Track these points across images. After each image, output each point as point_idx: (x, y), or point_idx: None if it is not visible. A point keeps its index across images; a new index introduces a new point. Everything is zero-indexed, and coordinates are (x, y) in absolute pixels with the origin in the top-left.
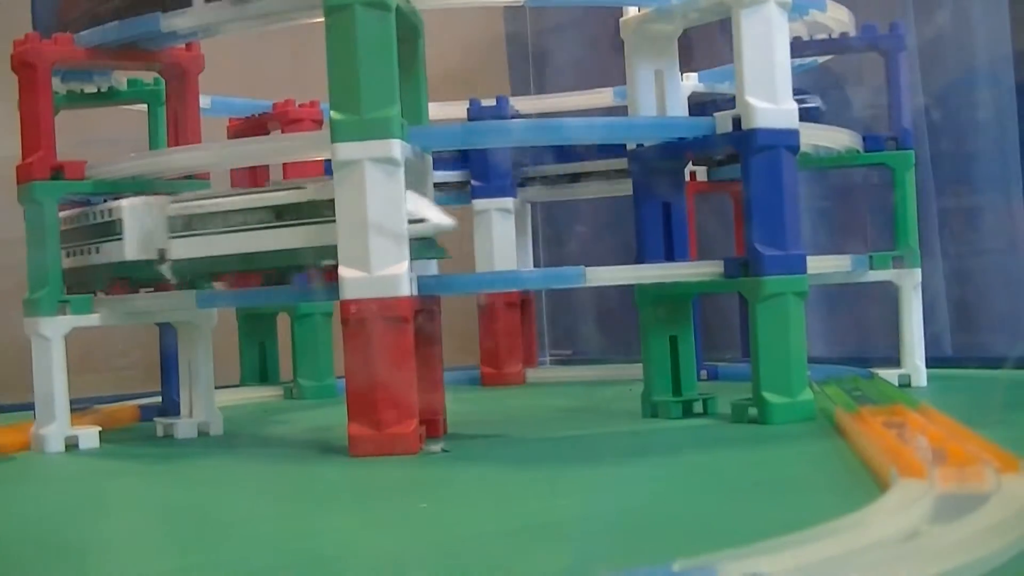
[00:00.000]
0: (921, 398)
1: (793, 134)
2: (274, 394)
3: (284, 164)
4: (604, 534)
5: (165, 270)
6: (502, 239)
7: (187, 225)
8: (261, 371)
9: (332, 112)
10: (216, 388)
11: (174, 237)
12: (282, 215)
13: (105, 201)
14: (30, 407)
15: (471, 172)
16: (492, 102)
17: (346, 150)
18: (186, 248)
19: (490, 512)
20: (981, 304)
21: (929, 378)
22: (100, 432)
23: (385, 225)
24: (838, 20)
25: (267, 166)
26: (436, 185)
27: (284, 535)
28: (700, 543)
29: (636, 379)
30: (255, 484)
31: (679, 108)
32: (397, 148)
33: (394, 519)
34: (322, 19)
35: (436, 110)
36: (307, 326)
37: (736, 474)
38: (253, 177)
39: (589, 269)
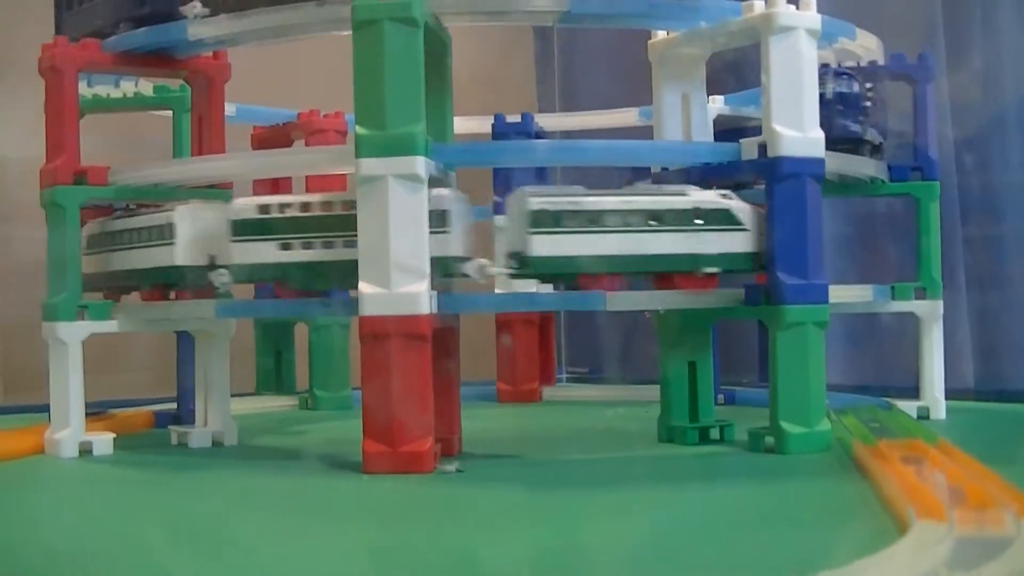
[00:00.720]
0: (939, 432)
1: (819, 163)
2: (289, 404)
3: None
4: (614, 563)
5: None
6: None
7: (555, 221)
8: (277, 380)
9: (357, 127)
10: (231, 396)
11: (535, 233)
12: (662, 219)
13: None
14: (44, 408)
15: (494, 188)
16: (517, 118)
17: (370, 165)
18: (551, 246)
19: (501, 535)
20: (1004, 337)
21: (948, 410)
22: (115, 438)
23: (406, 242)
24: (867, 48)
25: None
26: None
27: (291, 552)
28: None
29: (652, 400)
30: (266, 498)
31: (705, 132)
32: (421, 165)
33: (404, 539)
34: (349, 32)
35: (461, 124)
36: (324, 336)
37: (750, 507)
38: (275, 187)
39: (609, 294)
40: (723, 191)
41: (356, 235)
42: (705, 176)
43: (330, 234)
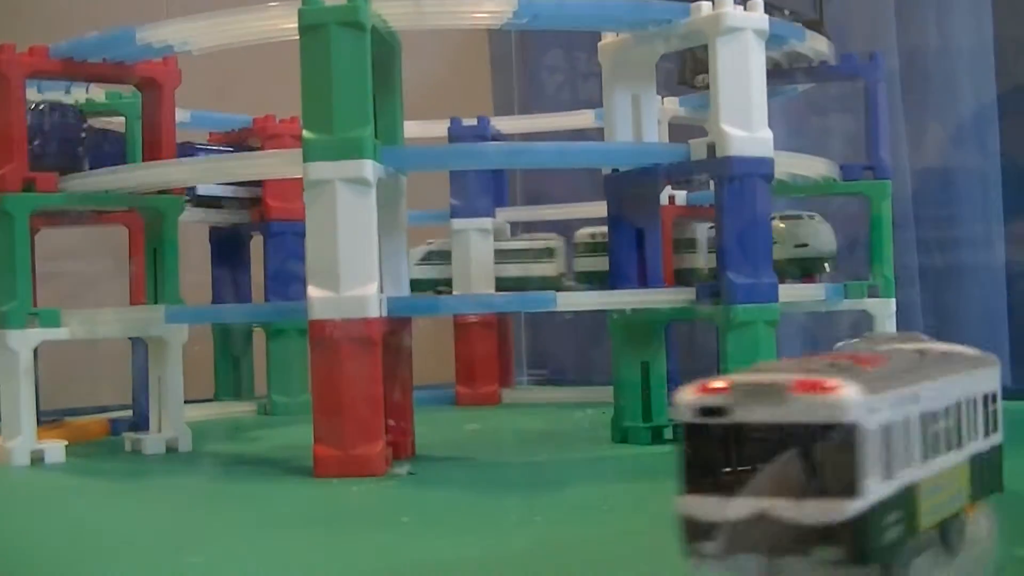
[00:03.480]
0: None
1: (767, 162)
2: (247, 409)
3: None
4: (566, 563)
5: None
6: (480, 259)
7: None
8: (235, 386)
9: (304, 131)
10: (189, 402)
11: None
12: None
13: None
14: None
15: (450, 192)
16: (474, 121)
17: (318, 169)
18: None
19: (451, 538)
20: (961, 335)
21: None
22: (68, 446)
23: (354, 245)
24: (817, 50)
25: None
26: None
27: (240, 556)
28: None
29: (611, 402)
30: (216, 503)
31: (654, 133)
32: (369, 168)
33: (352, 543)
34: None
35: (417, 128)
36: (282, 342)
37: None
38: None
39: (560, 294)
40: None
41: None
42: (655, 176)
43: None
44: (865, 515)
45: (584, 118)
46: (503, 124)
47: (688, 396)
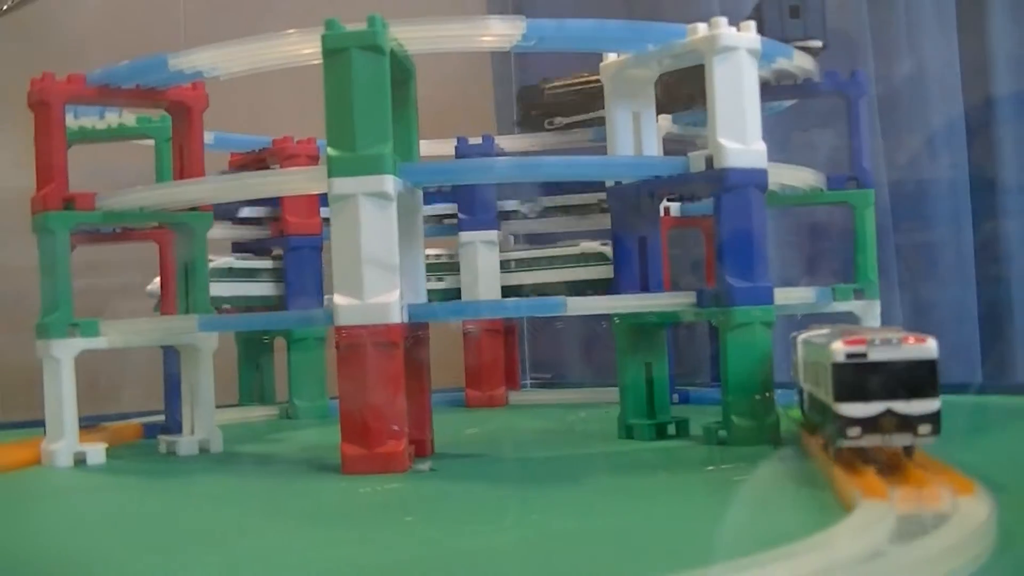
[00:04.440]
0: None
1: (762, 173)
2: (270, 414)
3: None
4: (580, 549)
5: None
6: (487, 269)
7: None
8: (259, 392)
9: (329, 149)
10: (216, 408)
11: None
12: None
13: None
14: (38, 424)
15: (458, 206)
16: (479, 140)
17: (342, 184)
18: None
19: (476, 528)
20: (937, 333)
21: None
22: (107, 448)
23: (377, 255)
24: (802, 68)
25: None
26: (426, 218)
27: (276, 548)
28: (671, 560)
29: (612, 402)
30: (252, 499)
31: (654, 147)
32: (390, 183)
33: (384, 534)
34: (321, 61)
35: (425, 147)
36: (302, 349)
37: (706, 494)
38: None
39: (569, 299)
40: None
41: None
42: (656, 188)
43: None
44: (939, 409)
45: (582, 135)
46: (506, 142)
47: (840, 346)
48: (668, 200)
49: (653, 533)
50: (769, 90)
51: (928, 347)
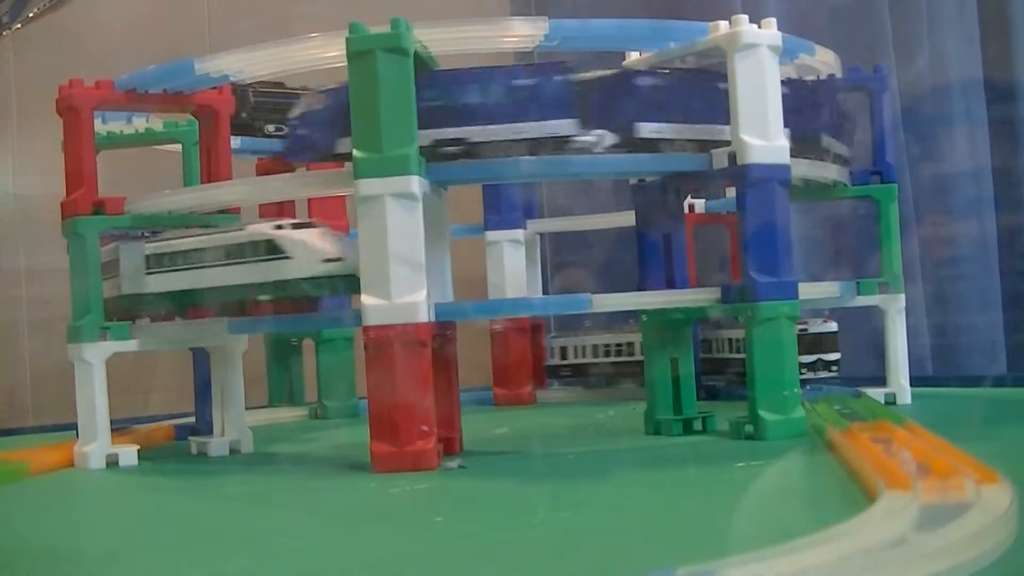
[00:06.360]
0: (906, 415)
1: (784, 168)
2: (299, 414)
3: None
4: (612, 542)
5: None
6: (513, 268)
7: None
8: (288, 393)
9: (354, 150)
10: (246, 409)
11: None
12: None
13: None
14: (71, 427)
15: (484, 205)
16: None
17: (368, 186)
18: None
19: (505, 523)
20: (959, 326)
21: (913, 396)
22: (138, 450)
23: (404, 255)
24: (825, 63)
25: (292, 201)
26: None
27: (310, 546)
28: (701, 550)
29: (638, 399)
30: (284, 498)
31: None
32: (416, 184)
33: (416, 530)
34: (345, 63)
35: None
36: (330, 350)
37: (734, 486)
38: (280, 212)
39: (595, 296)
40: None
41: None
42: (680, 185)
43: None
44: None
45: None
46: None
47: None
48: (692, 197)
49: (682, 526)
50: None
51: None
